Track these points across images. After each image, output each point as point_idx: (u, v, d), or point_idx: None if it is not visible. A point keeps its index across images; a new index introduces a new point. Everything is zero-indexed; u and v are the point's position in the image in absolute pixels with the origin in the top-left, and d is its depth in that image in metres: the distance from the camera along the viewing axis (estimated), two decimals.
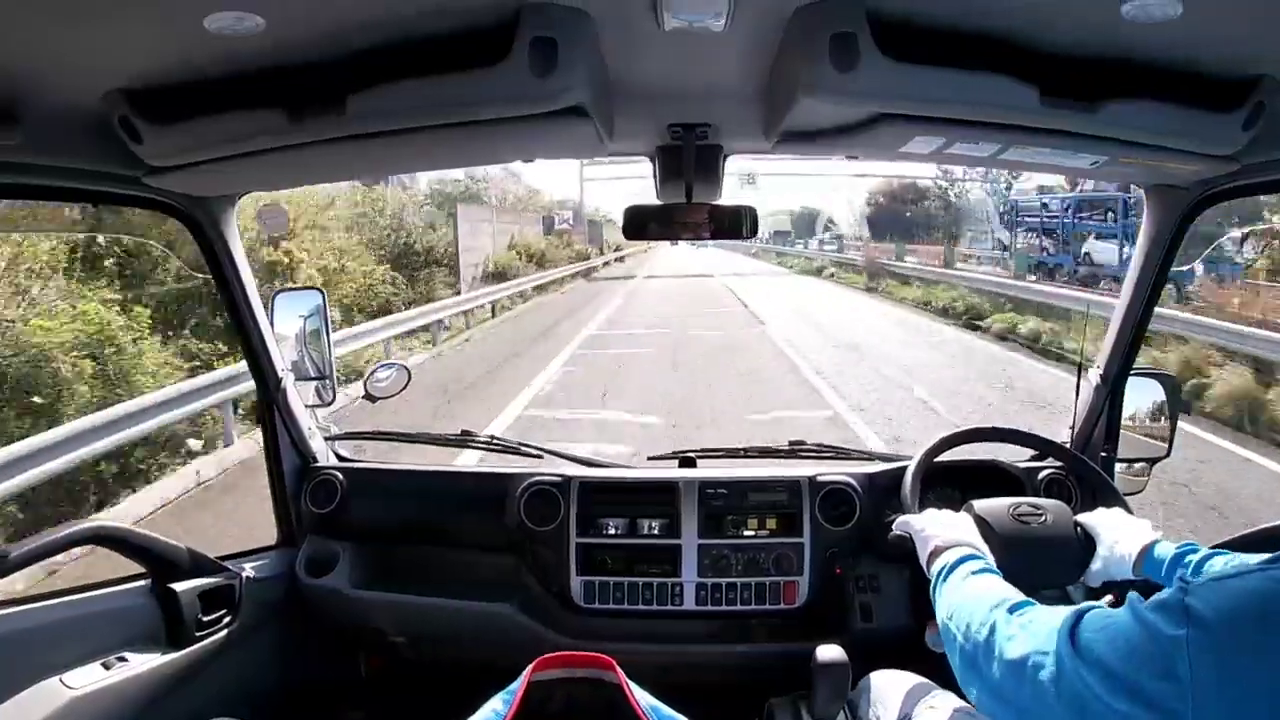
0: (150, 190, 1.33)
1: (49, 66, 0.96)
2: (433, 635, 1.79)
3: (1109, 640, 0.73)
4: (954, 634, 0.93)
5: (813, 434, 2.02)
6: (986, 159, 1.20)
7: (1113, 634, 0.73)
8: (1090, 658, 0.73)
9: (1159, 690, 0.67)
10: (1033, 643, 0.80)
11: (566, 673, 1.07)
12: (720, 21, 0.93)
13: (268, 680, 1.67)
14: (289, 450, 1.77)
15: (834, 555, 1.68)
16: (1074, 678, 0.73)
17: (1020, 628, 0.84)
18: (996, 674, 0.84)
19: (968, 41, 0.96)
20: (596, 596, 1.68)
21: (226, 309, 1.65)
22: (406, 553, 1.79)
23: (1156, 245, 1.52)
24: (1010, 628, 0.85)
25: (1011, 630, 0.84)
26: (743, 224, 1.49)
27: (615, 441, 5.54)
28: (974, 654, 0.88)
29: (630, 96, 1.24)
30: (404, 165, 1.48)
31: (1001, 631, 0.85)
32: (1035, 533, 1.27)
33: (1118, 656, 0.71)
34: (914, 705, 1.27)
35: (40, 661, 1.23)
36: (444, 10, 0.92)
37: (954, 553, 1.09)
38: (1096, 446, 1.68)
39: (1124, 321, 1.62)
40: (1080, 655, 0.74)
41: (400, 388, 2.02)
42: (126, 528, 1.46)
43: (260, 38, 0.90)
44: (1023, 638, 0.82)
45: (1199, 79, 1.01)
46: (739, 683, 1.69)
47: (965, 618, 0.92)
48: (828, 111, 1.10)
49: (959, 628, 0.93)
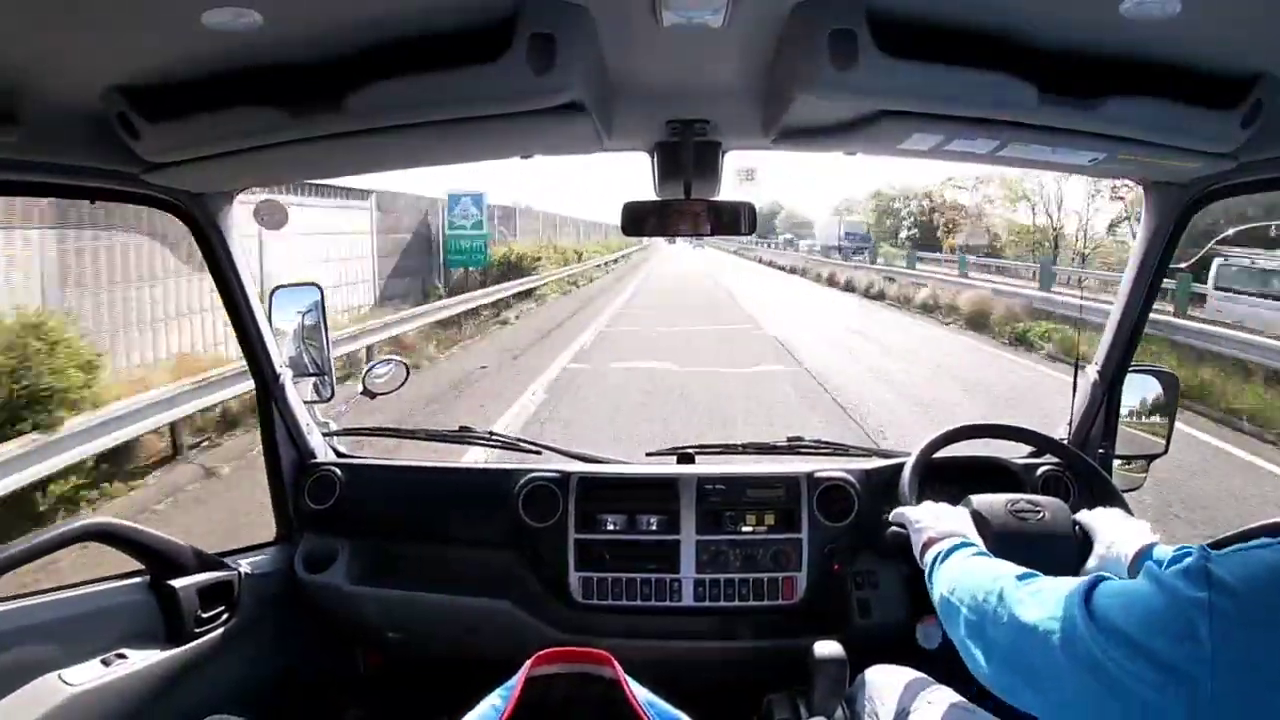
0: (148, 187, 1.33)
1: (47, 63, 0.96)
2: (431, 631, 1.79)
3: (1125, 605, 0.72)
4: (956, 606, 0.93)
5: None
6: (985, 156, 1.21)
7: (1130, 599, 0.73)
8: (1105, 623, 0.72)
9: (1177, 653, 0.66)
10: (1044, 609, 0.79)
11: (565, 668, 1.07)
12: (719, 18, 0.93)
13: (266, 676, 1.68)
14: (287, 446, 1.77)
15: (832, 551, 1.69)
16: (1088, 642, 0.73)
17: (1030, 594, 0.83)
18: (1004, 640, 0.84)
19: (967, 38, 0.96)
20: (595, 592, 1.68)
21: (224, 305, 1.64)
22: (405, 549, 1.79)
23: (1154, 242, 1.53)
24: (1019, 593, 0.84)
25: (1020, 595, 0.84)
26: (741, 220, 1.49)
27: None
28: (980, 622, 0.88)
29: (629, 93, 1.23)
30: (402, 161, 1.47)
31: (1010, 597, 0.85)
32: (1032, 529, 1.28)
33: (1135, 621, 0.70)
34: (911, 700, 1.27)
35: (39, 658, 1.23)
36: (443, 6, 0.92)
37: (948, 541, 1.10)
38: (1094, 443, 1.69)
39: (1122, 318, 1.63)
40: (1095, 620, 0.73)
41: (398, 384, 2.02)
42: (125, 524, 1.46)
43: (258, 34, 0.89)
44: (1033, 603, 0.82)
45: (1198, 76, 1.01)
46: (737, 678, 1.70)
47: (969, 589, 0.92)
48: (827, 108, 1.10)
49: (961, 599, 0.93)
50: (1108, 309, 1.70)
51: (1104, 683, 0.71)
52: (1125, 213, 21.76)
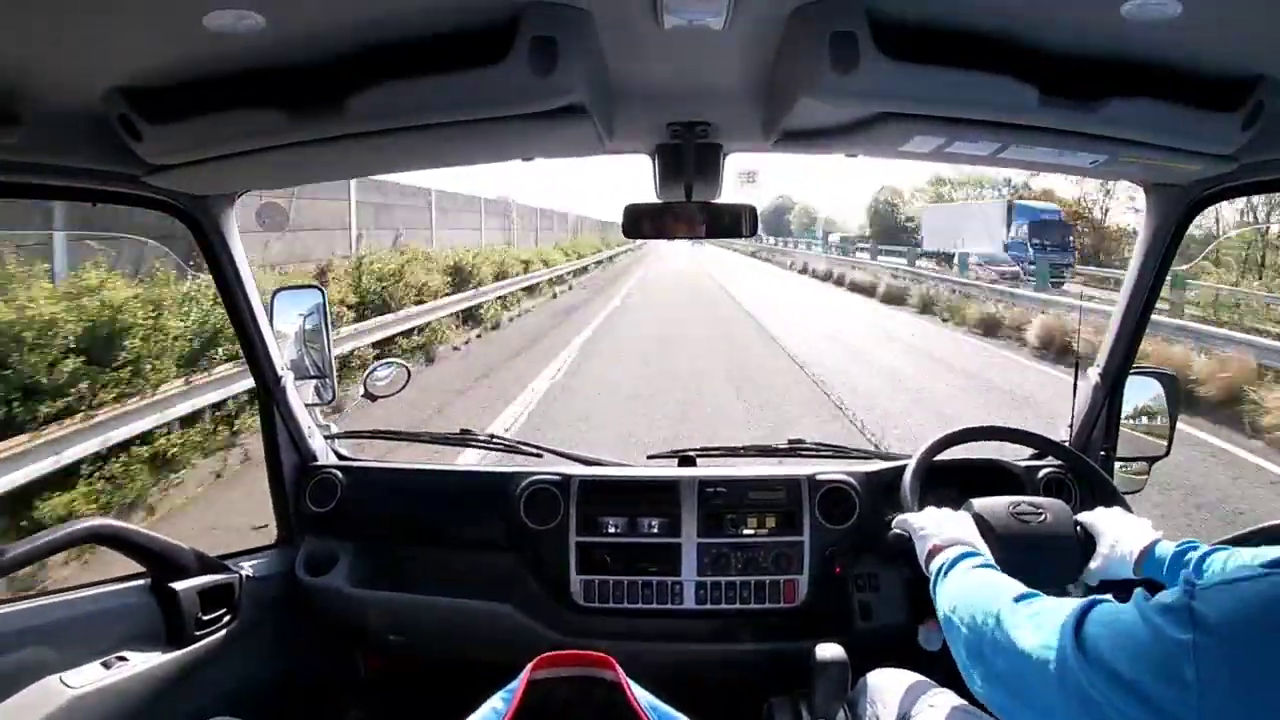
0: (150, 189, 1.33)
1: (49, 65, 0.96)
2: (432, 634, 1.79)
3: (1113, 638, 0.72)
4: (957, 625, 0.93)
5: None
6: (987, 158, 1.21)
7: (1117, 632, 0.72)
8: (1094, 655, 0.72)
9: (1163, 694, 0.66)
10: (1039, 635, 0.79)
11: (566, 671, 1.07)
12: (720, 20, 0.93)
13: (267, 679, 1.67)
14: (288, 449, 1.77)
15: (833, 554, 1.68)
16: (1078, 675, 0.72)
17: (1027, 618, 0.83)
18: (1001, 664, 0.83)
19: (967, 41, 0.96)
20: (596, 595, 1.68)
21: (226, 307, 1.64)
22: (406, 552, 1.79)
23: (1155, 244, 1.53)
24: (1016, 617, 0.84)
25: (1017, 620, 0.84)
26: (742, 223, 1.50)
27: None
28: (979, 644, 0.88)
29: (630, 95, 1.24)
30: (404, 164, 1.48)
31: (1007, 621, 0.84)
32: (1035, 531, 1.28)
33: (1123, 656, 0.70)
34: (913, 704, 1.27)
35: (40, 660, 1.23)
36: (444, 9, 0.92)
37: (953, 550, 1.09)
38: (1096, 445, 1.68)
39: (1124, 320, 1.63)
40: (1084, 652, 0.73)
41: (400, 387, 2.02)
42: (126, 526, 1.46)
43: (260, 36, 0.90)
44: (1028, 629, 0.81)
45: (1198, 78, 1.01)
46: (738, 681, 1.69)
47: (970, 609, 0.92)
48: (828, 110, 1.10)
49: (963, 619, 0.92)
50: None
51: (1093, 715, 0.71)
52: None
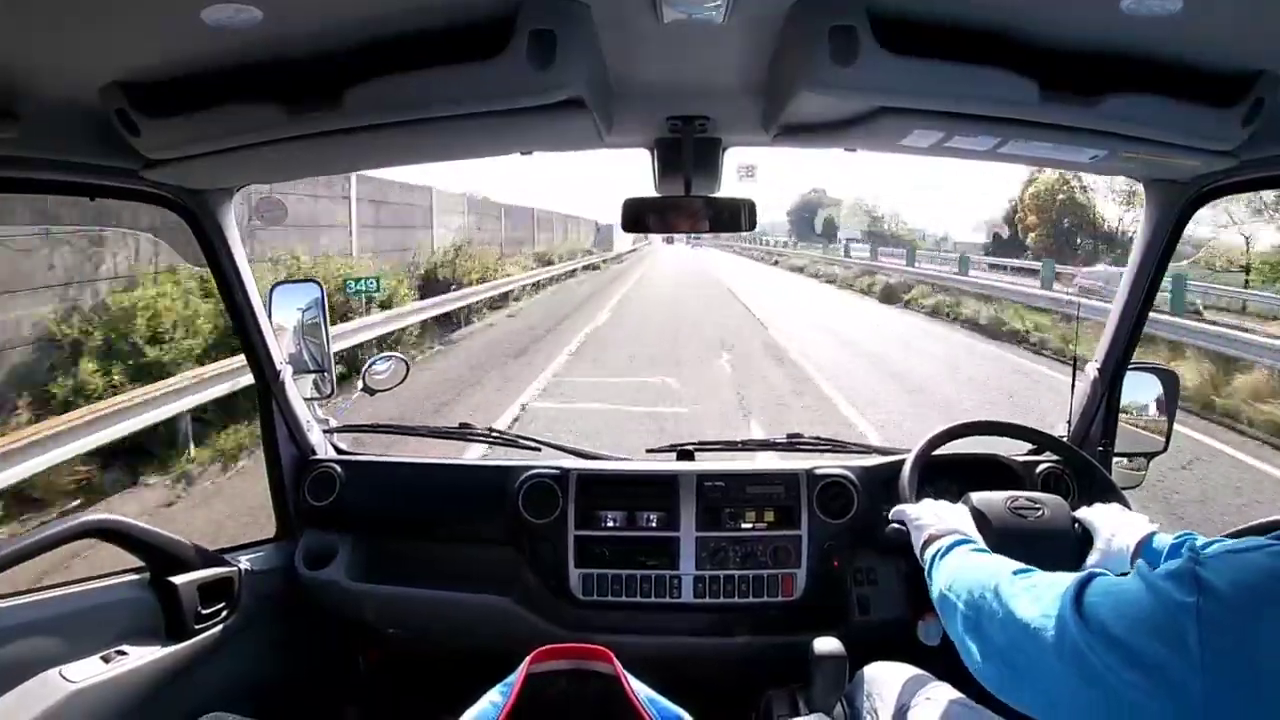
0: (148, 183, 1.32)
1: (46, 60, 0.96)
2: (430, 627, 1.80)
3: (1115, 605, 0.71)
4: (953, 601, 0.93)
5: None
6: (986, 153, 1.20)
7: (1119, 599, 0.72)
8: (1095, 622, 0.72)
9: (1165, 659, 0.65)
10: (1038, 605, 0.79)
11: (564, 664, 1.07)
12: (719, 14, 0.93)
13: (266, 673, 1.68)
14: (287, 443, 1.78)
15: (831, 548, 1.69)
16: (1078, 642, 0.72)
17: (1025, 590, 0.83)
18: (999, 636, 0.84)
19: (967, 35, 0.96)
20: (595, 589, 1.68)
21: (224, 301, 1.64)
22: (405, 545, 1.79)
23: (1155, 240, 1.52)
24: (1014, 589, 0.84)
25: (1015, 591, 0.84)
26: (741, 217, 1.49)
27: None
28: (976, 617, 0.88)
29: (629, 89, 1.23)
30: (402, 158, 1.47)
31: (1005, 592, 0.84)
32: (1032, 526, 1.28)
33: (1123, 623, 0.69)
34: (911, 697, 1.27)
35: (39, 654, 1.24)
36: (442, 3, 0.92)
37: (949, 538, 1.10)
38: (1094, 441, 1.69)
39: (1122, 316, 1.63)
40: (1085, 619, 0.73)
41: (399, 380, 2.02)
42: (125, 520, 1.46)
43: (257, 30, 0.89)
44: (1027, 600, 0.81)
45: (1199, 74, 1.01)
46: (736, 674, 1.70)
47: (967, 584, 0.92)
48: (827, 104, 1.09)
49: (959, 595, 0.93)
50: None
51: (1093, 683, 0.70)
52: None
